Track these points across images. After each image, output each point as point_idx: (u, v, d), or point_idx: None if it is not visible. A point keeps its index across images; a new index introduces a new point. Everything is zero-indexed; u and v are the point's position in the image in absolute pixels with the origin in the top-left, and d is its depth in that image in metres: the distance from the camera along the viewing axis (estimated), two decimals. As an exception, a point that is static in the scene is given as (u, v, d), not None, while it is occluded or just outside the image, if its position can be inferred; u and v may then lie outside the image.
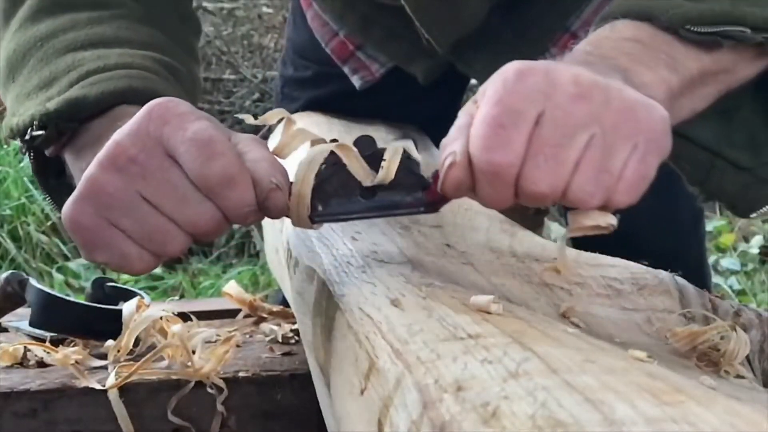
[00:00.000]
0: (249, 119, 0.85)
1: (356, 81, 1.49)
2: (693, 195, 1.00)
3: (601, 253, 0.99)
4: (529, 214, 1.49)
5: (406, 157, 0.80)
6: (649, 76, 0.81)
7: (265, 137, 0.92)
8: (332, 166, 0.80)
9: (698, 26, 0.85)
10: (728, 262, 3.26)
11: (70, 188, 0.82)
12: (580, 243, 1.04)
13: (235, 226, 1.30)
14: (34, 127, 0.92)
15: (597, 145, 0.70)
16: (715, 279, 3.07)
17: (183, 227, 0.77)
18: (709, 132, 0.92)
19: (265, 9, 4.67)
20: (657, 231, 1.44)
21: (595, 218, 0.72)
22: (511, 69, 0.72)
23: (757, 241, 3.44)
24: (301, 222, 0.80)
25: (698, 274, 1.42)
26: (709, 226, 3.50)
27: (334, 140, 0.83)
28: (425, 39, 1.31)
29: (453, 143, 0.73)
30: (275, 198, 0.77)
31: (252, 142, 0.80)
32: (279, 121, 0.85)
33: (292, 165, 0.81)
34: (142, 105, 0.81)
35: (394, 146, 0.80)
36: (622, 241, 1.09)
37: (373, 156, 0.80)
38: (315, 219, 0.80)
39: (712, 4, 0.87)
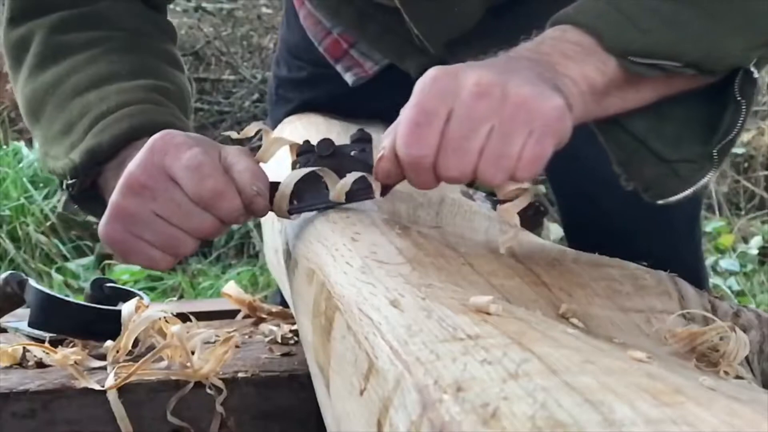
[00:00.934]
0: (233, 135, 1.07)
1: (349, 78, 1.48)
2: (687, 199, 1.06)
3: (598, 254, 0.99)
4: (527, 215, 1.50)
5: (361, 149, 0.99)
6: (574, 71, 0.92)
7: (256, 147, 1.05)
8: (304, 165, 0.99)
9: (638, 58, 0.95)
10: (727, 263, 3.27)
11: (105, 204, 1.03)
12: (579, 246, 1.04)
13: (235, 227, 1.44)
14: (68, 177, 1.12)
15: (496, 134, 0.85)
16: (714, 280, 3.07)
17: (190, 234, 0.99)
18: (640, 123, 1.02)
19: (264, 10, 4.68)
20: (652, 234, 1.45)
21: (509, 189, 0.89)
22: (428, 74, 0.88)
23: (756, 242, 3.44)
24: (281, 214, 1.00)
25: (694, 278, 1.42)
26: (709, 227, 3.51)
27: (306, 141, 1.02)
28: (417, 38, 1.31)
29: (384, 140, 0.91)
30: (257, 202, 0.98)
31: (239, 154, 0.99)
32: (257, 133, 1.03)
33: (274, 166, 1.02)
34: (144, 135, 1.03)
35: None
36: (617, 243, 1.09)
37: (333, 155, 0.99)
38: (292, 211, 0.99)
39: (655, 40, 0.95)
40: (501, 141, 0.85)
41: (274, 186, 0.99)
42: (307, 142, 1.01)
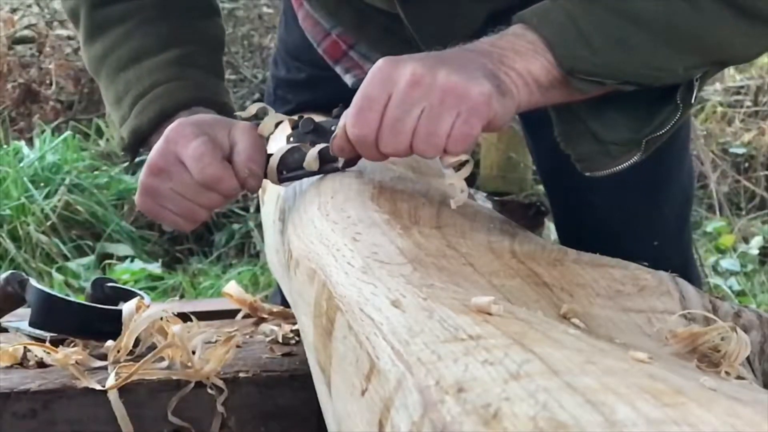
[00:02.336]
0: (240, 114, 1.26)
1: (349, 80, 1.48)
2: (678, 199, 1.18)
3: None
4: (529, 215, 1.50)
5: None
6: (520, 65, 1.02)
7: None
8: (293, 145, 1.16)
9: (585, 76, 1.04)
10: (728, 263, 3.26)
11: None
12: (568, 245, 1.05)
13: (236, 226, 1.56)
14: (124, 150, 1.35)
15: (426, 116, 0.98)
16: (715, 280, 3.07)
17: (203, 206, 1.19)
18: (584, 104, 1.11)
19: (265, 9, 4.67)
20: (639, 234, 1.46)
21: (451, 159, 1.01)
22: (375, 65, 1.02)
23: (756, 242, 3.44)
24: (274, 182, 1.18)
25: (684, 278, 1.43)
26: (709, 227, 3.50)
27: (300, 116, 1.16)
28: (417, 47, 1.31)
29: (340, 121, 1.05)
30: (249, 182, 1.16)
31: (243, 132, 1.18)
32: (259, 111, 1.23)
33: (279, 135, 1.21)
34: (174, 113, 1.26)
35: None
36: (605, 243, 1.09)
37: (314, 131, 1.13)
38: (282, 180, 1.17)
39: (605, 60, 1.04)
40: (431, 121, 0.98)
41: (269, 159, 1.18)
42: (300, 116, 1.17)
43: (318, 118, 1.17)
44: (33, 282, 1.22)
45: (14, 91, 4.14)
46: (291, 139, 1.17)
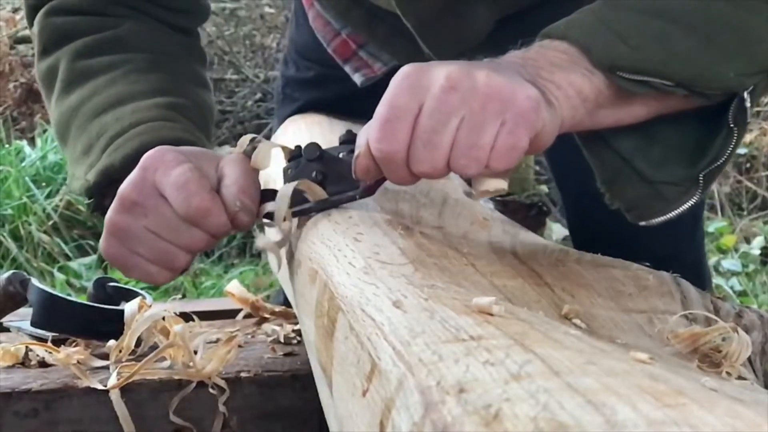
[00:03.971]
0: (226, 149, 1.12)
1: (358, 78, 1.49)
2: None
3: (600, 254, 0.99)
4: (530, 215, 1.50)
5: (350, 150, 0.96)
6: (559, 76, 0.91)
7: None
8: (294, 170, 1.01)
9: (625, 73, 0.93)
10: (729, 263, 3.26)
11: None
12: (583, 245, 1.04)
13: None
14: (86, 198, 1.17)
15: (466, 126, 0.84)
16: (717, 280, 3.07)
17: (182, 249, 1.03)
18: (627, 141, 1.00)
19: (267, 9, 4.67)
20: (654, 233, 1.45)
21: (487, 184, 0.88)
22: (401, 71, 0.88)
23: (758, 242, 3.44)
24: (278, 222, 1.00)
25: (696, 277, 1.43)
26: (711, 228, 3.50)
27: (297, 146, 1.03)
28: (426, 52, 1.31)
29: (360, 138, 0.91)
30: (239, 218, 1.02)
31: (233, 163, 1.03)
32: (251, 141, 1.06)
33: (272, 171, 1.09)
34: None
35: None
36: (621, 242, 1.09)
37: (320, 158, 1.00)
38: (285, 218, 0.99)
39: (646, 56, 0.93)
40: (472, 132, 0.84)
41: (267, 193, 1.03)
42: (298, 146, 1.03)
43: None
44: (35, 282, 1.22)
45: (16, 91, 4.15)
46: (289, 171, 1.03)
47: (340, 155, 0.99)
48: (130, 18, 1.29)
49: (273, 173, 1.15)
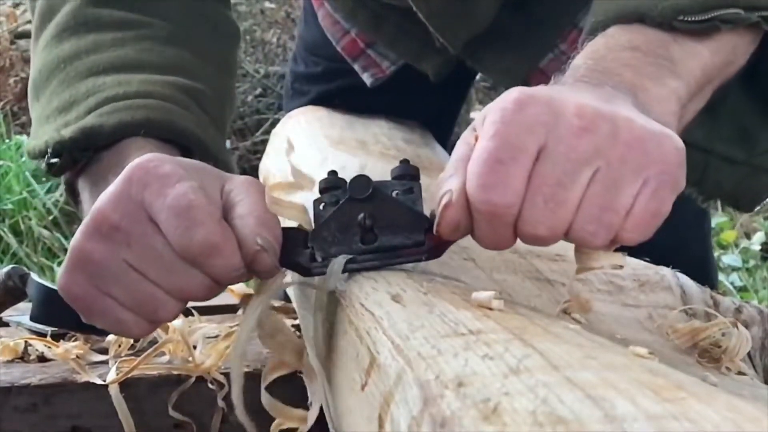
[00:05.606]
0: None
1: (367, 78, 1.50)
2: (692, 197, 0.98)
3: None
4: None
5: (407, 189, 0.77)
6: (658, 91, 0.77)
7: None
8: (332, 205, 0.77)
9: (691, 15, 0.81)
10: (730, 258, 3.26)
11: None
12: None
13: None
14: (50, 153, 0.92)
15: (601, 181, 0.66)
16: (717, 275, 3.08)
17: (172, 295, 0.76)
18: (698, 130, 0.88)
19: (267, 4, 4.67)
20: (663, 225, 1.45)
21: (601, 259, 0.70)
22: (510, 98, 0.67)
23: (758, 237, 3.43)
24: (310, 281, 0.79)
25: (702, 270, 1.42)
26: (712, 223, 3.50)
27: (332, 172, 0.81)
28: (438, 41, 1.32)
29: (449, 180, 0.69)
30: (262, 260, 0.75)
31: (244, 188, 0.77)
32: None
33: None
34: (158, 137, 0.85)
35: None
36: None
37: (371, 197, 0.75)
38: (315, 272, 0.77)
39: None
40: (606, 189, 0.66)
41: (288, 233, 0.77)
42: (333, 173, 0.80)
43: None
44: (34, 276, 1.22)
45: (16, 86, 4.15)
46: (323, 206, 0.78)
47: (395, 193, 0.77)
48: None
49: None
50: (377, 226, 0.75)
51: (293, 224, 0.83)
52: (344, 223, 0.76)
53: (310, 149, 1.33)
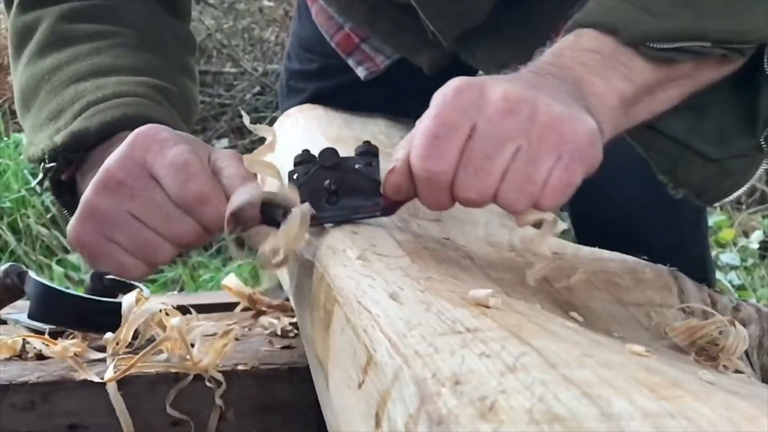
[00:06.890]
0: (246, 119, 0.95)
1: (361, 72, 1.50)
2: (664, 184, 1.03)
3: (602, 247, 0.99)
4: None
5: (367, 163, 0.90)
6: (601, 86, 0.86)
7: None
8: (303, 176, 0.91)
9: (658, 43, 0.89)
10: (728, 257, 3.27)
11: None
12: (582, 238, 1.04)
13: None
14: (46, 160, 1.03)
15: (522, 156, 0.78)
16: (715, 274, 3.08)
17: (169, 240, 0.92)
18: (679, 125, 0.97)
19: (265, 2, 4.67)
20: (657, 225, 1.45)
21: (529, 217, 0.81)
22: (450, 85, 0.80)
23: (756, 236, 3.44)
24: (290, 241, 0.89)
25: (700, 269, 1.42)
26: (709, 222, 3.50)
27: (305, 150, 0.94)
28: (431, 32, 1.32)
29: (398, 151, 0.83)
30: (246, 210, 0.87)
31: (229, 158, 0.92)
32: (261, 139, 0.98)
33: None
34: (142, 125, 0.95)
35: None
36: (622, 235, 1.09)
37: (336, 167, 0.90)
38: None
39: (674, 22, 0.90)
40: (527, 164, 0.77)
41: (265, 204, 0.91)
42: (306, 151, 0.94)
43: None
44: (32, 274, 1.22)
45: (15, 84, 4.14)
46: (296, 176, 0.92)
47: (357, 166, 0.91)
48: None
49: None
50: (341, 191, 0.89)
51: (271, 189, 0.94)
52: (313, 188, 0.89)
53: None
